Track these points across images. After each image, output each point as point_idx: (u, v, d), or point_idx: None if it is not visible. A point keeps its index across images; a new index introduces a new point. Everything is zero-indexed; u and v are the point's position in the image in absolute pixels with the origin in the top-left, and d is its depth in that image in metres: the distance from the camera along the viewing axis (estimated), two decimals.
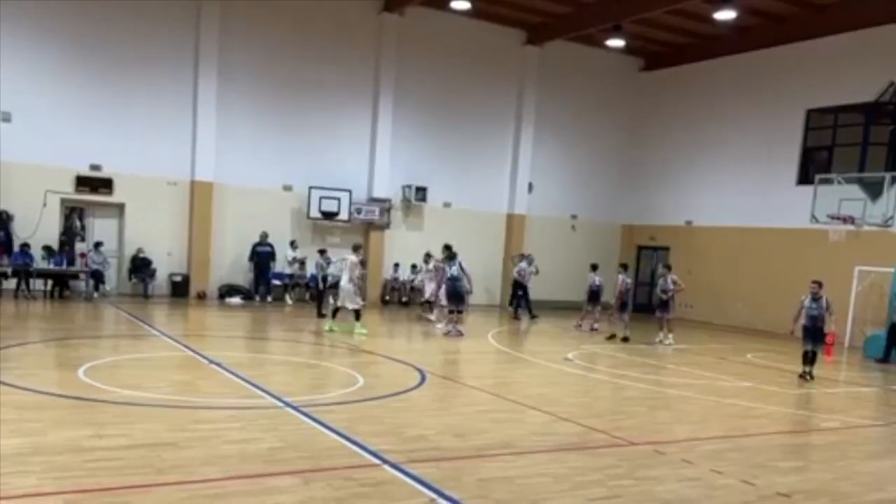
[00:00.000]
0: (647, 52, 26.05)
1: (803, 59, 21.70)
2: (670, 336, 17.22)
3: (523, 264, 21.13)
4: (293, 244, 21.12)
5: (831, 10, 20.50)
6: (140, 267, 19.69)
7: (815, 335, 13.26)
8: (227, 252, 20.98)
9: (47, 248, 18.25)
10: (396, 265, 23.01)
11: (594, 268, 19.48)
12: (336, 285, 20.71)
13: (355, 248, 16.02)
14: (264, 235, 20.75)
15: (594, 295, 19.23)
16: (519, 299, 21.31)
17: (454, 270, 16.61)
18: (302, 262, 21.10)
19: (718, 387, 12.01)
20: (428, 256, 19.52)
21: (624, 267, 18.83)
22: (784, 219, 21.51)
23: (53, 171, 18.59)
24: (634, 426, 8.84)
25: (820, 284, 13.38)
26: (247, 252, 20.77)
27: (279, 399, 8.70)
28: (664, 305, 17.42)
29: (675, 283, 17.49)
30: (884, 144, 20.65)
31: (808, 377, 13.09)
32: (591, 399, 10.55)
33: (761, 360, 15.61)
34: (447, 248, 17.40)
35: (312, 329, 16.11)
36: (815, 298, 13.21)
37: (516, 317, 21.05)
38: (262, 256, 20.74)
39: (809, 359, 13.12)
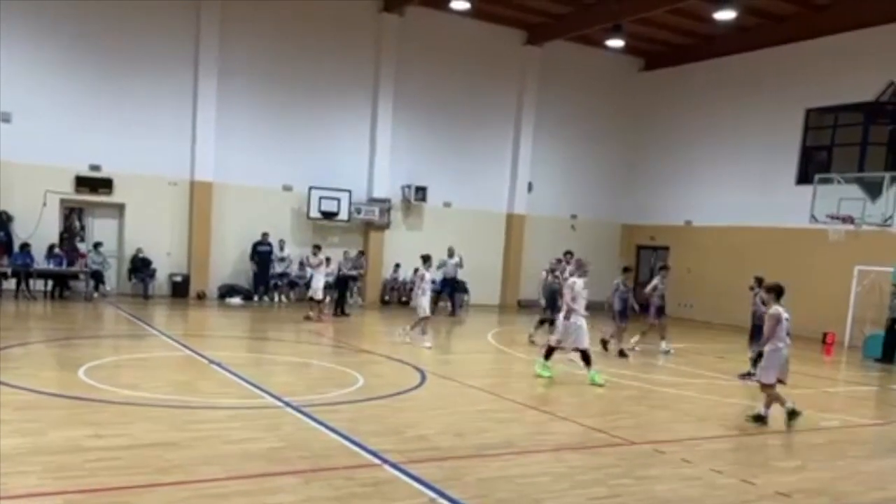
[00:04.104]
0: (647, 51, 26.04)
1: (803, 59, 21.69)
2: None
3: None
4: (281, 243, 21.19)
5: (831, 9, 20.50)
6: (140, 267, 19.69)
7: (753, 334, 12.40)
8: (227, 252, 20.98)
9: (51, 249, 18.28)
10: (397, 266, 22.99)
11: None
12: (345, 283, 20.20)
13: (575, 260, 12.59)
14: (265, 235, 20.84)
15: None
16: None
17: (552, 277, 14.76)
18: (295, 262, 21.20)
19: (718, 386, 12.01)
20: (317, 248, 18.27)
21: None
22: (784, 218, 21.49)
23: (53, 172, 18.57)
24: (634, 425, 8.85)
25: (756, 280, 12.48)
26: (247, 252, 20.83)
27: (279, 399, 8.70)
28: (623, 314, 14.87)
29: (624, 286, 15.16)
30: (883, 144, 20.68)
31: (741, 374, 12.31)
32: (590, 398, 10.55)
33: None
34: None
35: (311, 329, 16.09)
36: (755, 295, 12.35)
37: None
38: (262, 255, 20.81)
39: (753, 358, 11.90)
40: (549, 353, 11.52)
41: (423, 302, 14.38)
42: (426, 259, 14.87)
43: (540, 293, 15.11)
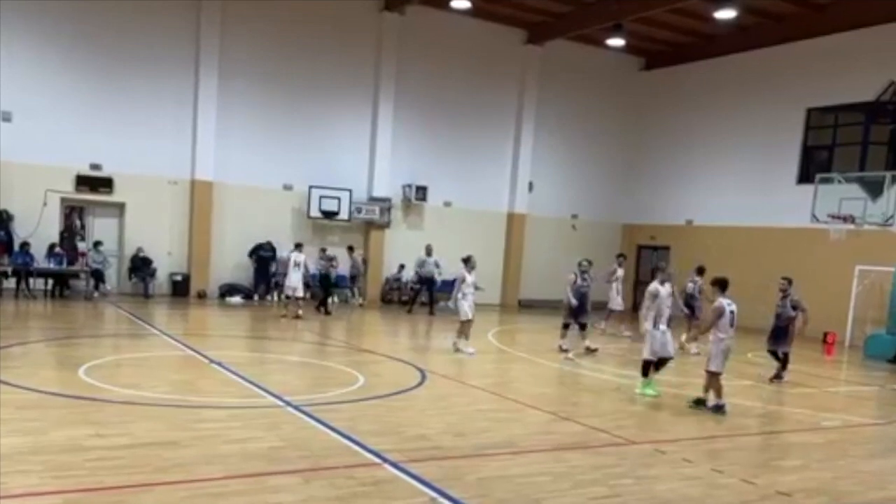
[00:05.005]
0: (648, 51, 26.03)
1: (803, 58, 21.68)
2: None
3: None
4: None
5: (831, 8, 20.48)
6: (140, 266, 19.68)
7: (777, 335, 12.90)
8: (228, 251, 20.96)
9: (51, 248, 18.27)
10: (402, 266, 22.92)
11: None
12: (335, 283, 20.43)
13: (661, 271, 11.49)
14: (268, 243, 20.90)
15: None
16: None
17: (581, 280, 14.43)
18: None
19: None
20: (299, 247, 18.00)
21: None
22: (784, 218, 21.47)
23: (54, 171, 18.57)
24: (635, 425, 8.85)
25: (788, 281, 12.96)
26: (247, 250, 20.82)
27: (280, 398, 8.69)
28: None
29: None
30: (884, 144, 20.67)
31: (771, 377, 12.64)
32: (591, 398, 10.54)
33: (761, 359, 15.56)
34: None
35: (312, 328, 16.09)
36: (784, 296, 12.81)
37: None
38: (261, 258, 20.88)
39: (780, 359, 12.79)
40: (647, 369, 10.68)
41: (465, 305, 13.66)
42: (467, 260, 14.14)
43: (567, 296, 14.64)
